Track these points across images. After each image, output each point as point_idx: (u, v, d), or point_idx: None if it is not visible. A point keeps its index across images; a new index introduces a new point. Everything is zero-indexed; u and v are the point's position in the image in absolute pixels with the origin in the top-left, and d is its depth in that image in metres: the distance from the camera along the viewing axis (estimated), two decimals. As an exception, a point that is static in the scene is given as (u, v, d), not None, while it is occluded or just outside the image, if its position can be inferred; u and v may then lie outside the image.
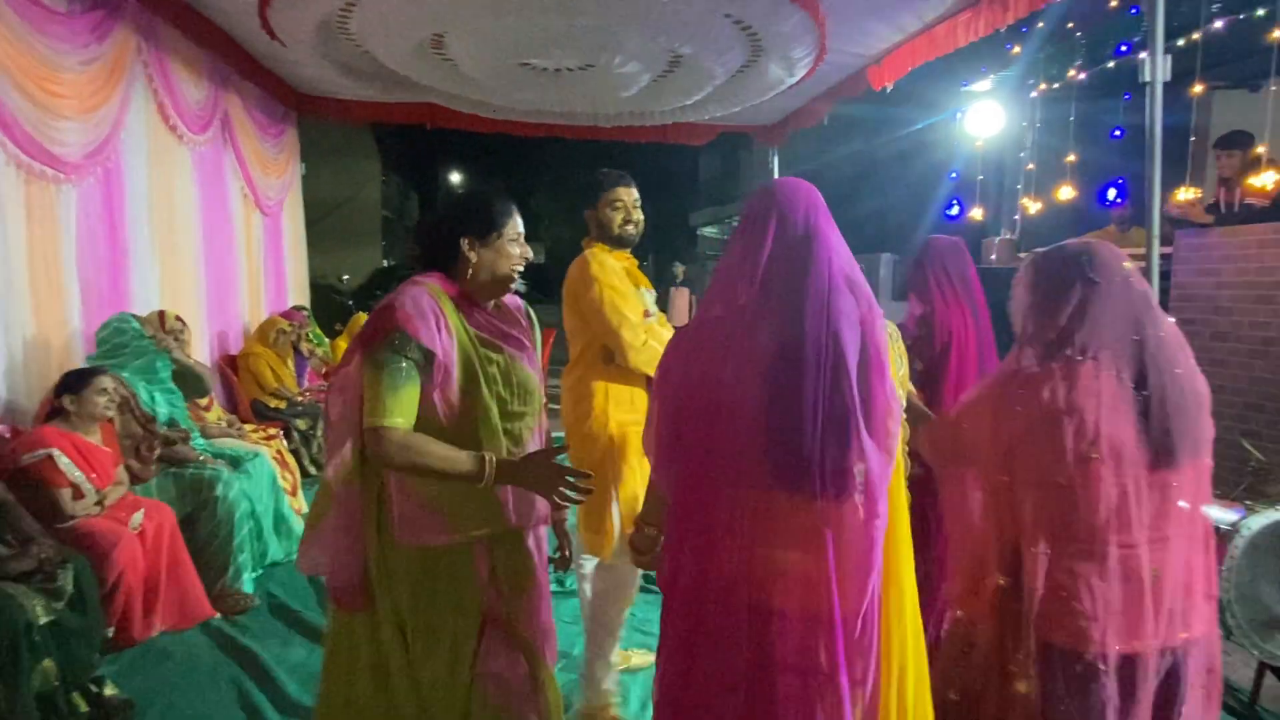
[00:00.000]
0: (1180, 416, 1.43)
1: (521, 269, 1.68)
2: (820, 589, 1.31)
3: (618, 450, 2.29)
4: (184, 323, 3.79)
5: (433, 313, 1.51)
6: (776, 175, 7.19)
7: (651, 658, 2.59)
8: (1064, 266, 1.52)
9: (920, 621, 1.53)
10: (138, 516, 2.73)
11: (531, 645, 1.64)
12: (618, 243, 2.40)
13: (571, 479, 1.47)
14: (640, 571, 2.24)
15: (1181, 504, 1.45)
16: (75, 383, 2.73)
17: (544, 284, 17.71)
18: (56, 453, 2.59)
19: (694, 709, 1.38)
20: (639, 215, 2.43)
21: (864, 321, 1.35)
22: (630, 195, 2.41)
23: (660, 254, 20.94)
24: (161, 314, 3.69)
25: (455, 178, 26.73)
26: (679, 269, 11.68)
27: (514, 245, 1.65)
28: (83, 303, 3.37)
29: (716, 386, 1.35)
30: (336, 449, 1.55)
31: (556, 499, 1.48)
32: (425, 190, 25.96)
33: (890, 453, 1.35)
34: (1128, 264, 1.51)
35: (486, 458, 1.47)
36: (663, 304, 10.79)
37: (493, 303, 1.68)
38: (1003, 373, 1.58)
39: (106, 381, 2.78)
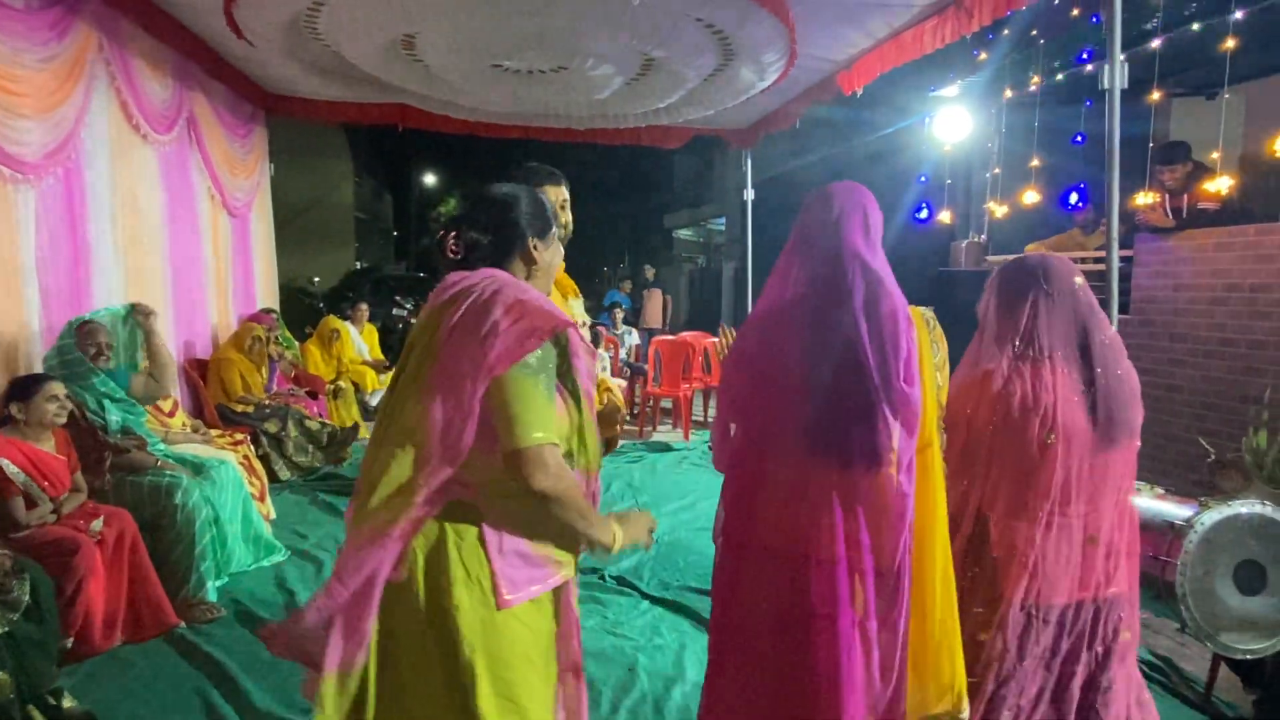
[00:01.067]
0: (1120, 407, 1.71)
1: None
2: (854, 543, 1.52)
3: None
4: (152, 310, 3.67)
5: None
6: (749, 178, 7.25)
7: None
8: (1023, 277, 1.78)
9: (951, 572, 1.70)
10: (97, 524, 2.67)
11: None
12: None
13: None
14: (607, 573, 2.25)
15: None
16: (23, 390, 2.65)
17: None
18: (5, 462, 2.52)
19: (738, 648, 1.61)
20: (568, 216, 2.28)
21: (887, 317, 1.52)
22: (560, 194, 2.24)
23: (635, 256, 20.96)
24: (135, 306, 3.58)
25: (430, 179, 26.50)
26: (649, 271, 11.96)
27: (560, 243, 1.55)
28: (43, 306, 3.29)
29: (769, 372, 1.61)
30: (432, 478, 1.23)
31: (643, 547, 1.45)
32: (399, 191, 25.69)
33: (912, 431, 1.54)
34: (1079, 278, 1.78)
35: (614, 523, 1.34)
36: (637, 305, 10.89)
37: None
38: (977, 368, 1.80)
39: (56, 388, 2.71)
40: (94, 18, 3.57)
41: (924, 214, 7.06)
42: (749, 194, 7.19)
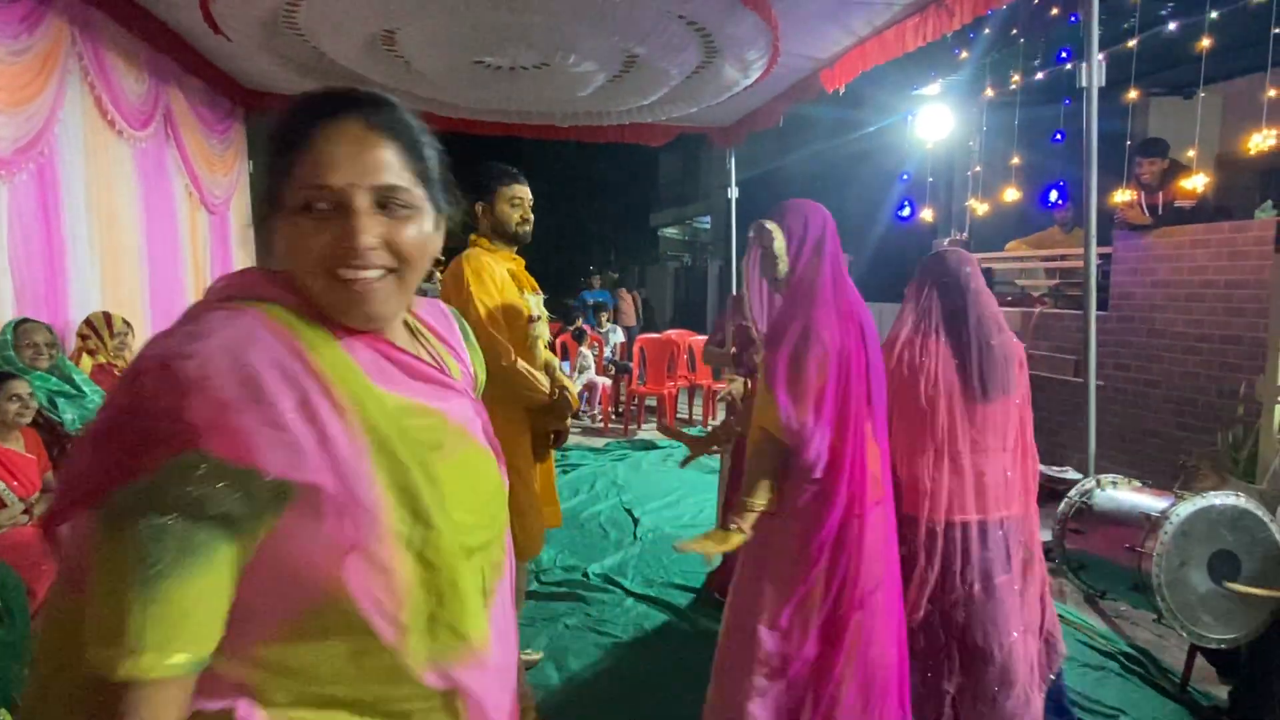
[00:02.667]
0: (990, 370, 2.07)
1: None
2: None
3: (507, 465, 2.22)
4: (130, 326, 3.65)
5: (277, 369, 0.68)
6: (734, 176, 7.26)
7: (537, 656, 2.70)
8: (927, 267, 2.18)
9: None
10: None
11: None
12: (511, 240, 2.33)
13: None
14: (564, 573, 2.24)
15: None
16: None
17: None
18: (-30, 462, 2.47)
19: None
20: (529, 213, 2.37)
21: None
22: (527, 193, 2.33)
23: (621, 254, 20.94)
24: (107, 316, 3.54)
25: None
26: (612, 275, 12.39)
27: None
28: (17, 304, 3.23)
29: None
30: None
31: None
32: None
33: None
34: (968, 268, 2.14)
35: None
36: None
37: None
38: (892, 339, 2.17)
39: (19, 387, 2.65)
40: (66, 11, 3.51)
41: (906, 212, 7.10)
42: (733, 192, 7.20)
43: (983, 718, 2.02)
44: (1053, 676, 2.15)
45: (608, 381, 7.53)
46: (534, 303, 2.34)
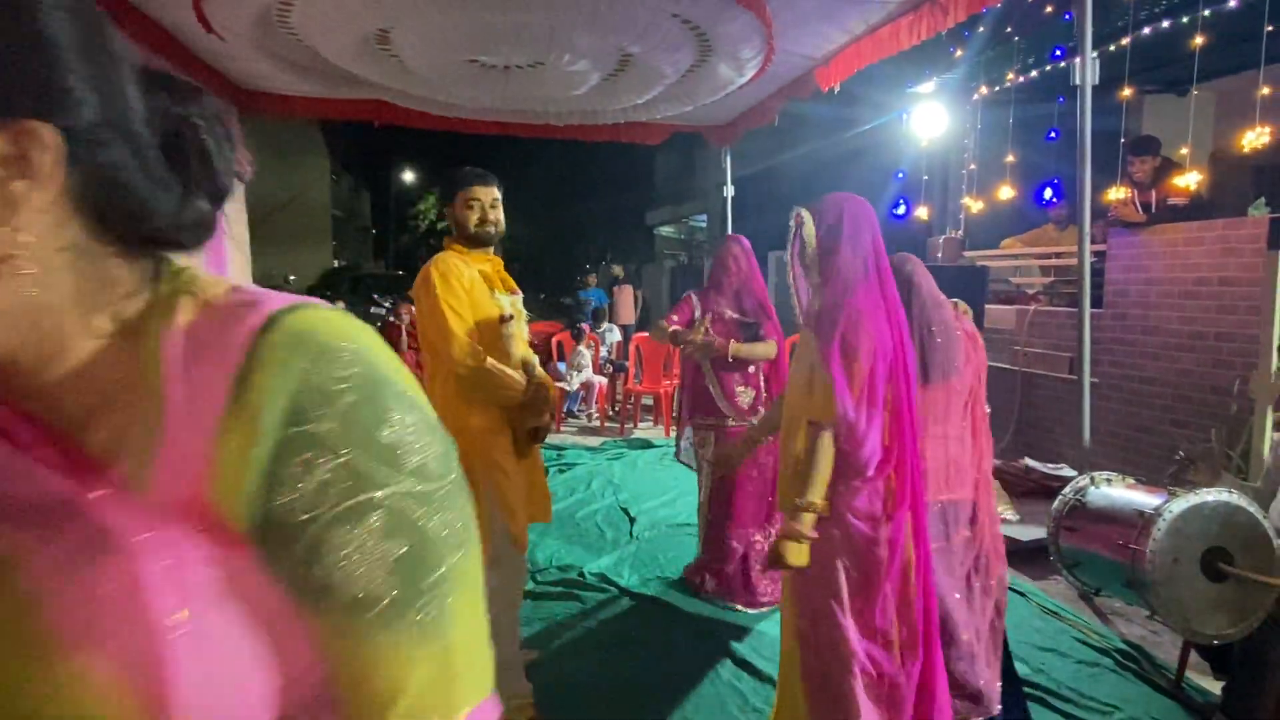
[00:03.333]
0: (931, 354, 2.13)
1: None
2: None
3: (480, 463, 2.20)
4: None
5: None
6: (729, 174, 7.26)
7: (534, 654, 2.71)
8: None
9: None
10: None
11: None
12: (475, 242, 2.34)
13: None
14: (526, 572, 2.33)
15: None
16: None
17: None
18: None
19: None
20: (497, 215, 2.38)
21: None
22: (489, 195, 2.35)
23: (617, 253, 20.94)
24: None
25: (410, 176, 26.27)
26: (617, 269, 12.27)
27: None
28: None
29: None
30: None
31: None
32: (378, 189, 25.46)
33: None
34: (909, 265, 2.19)
35: None
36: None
37: None
38: None
39: None
40: (58, 10, 3.49)
41: (901, 209, 7.10)
42: (729, 190, 7.19)
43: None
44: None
45: (604, 380, 7.53)
46: (507, 303, 2.34)
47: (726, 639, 2.92)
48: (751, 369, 3.39)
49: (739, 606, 3.20)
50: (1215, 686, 2.55)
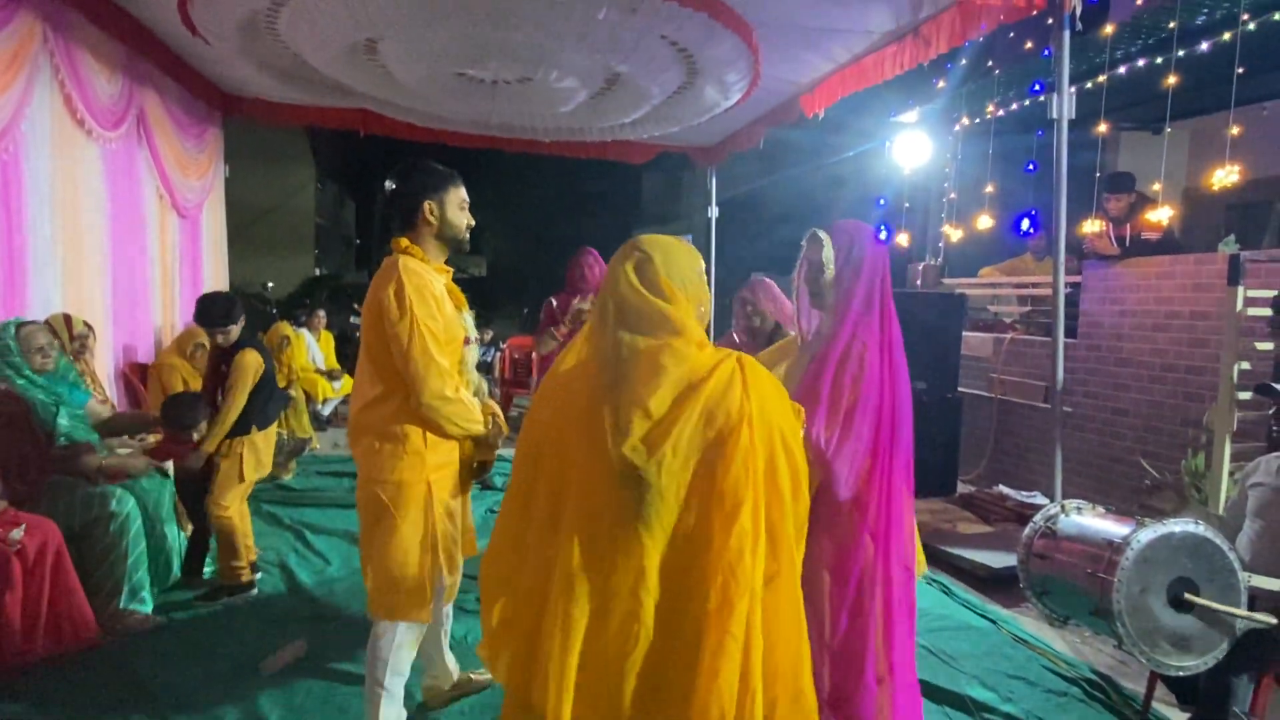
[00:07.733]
0: None
1: None
2: None
3: (434, 499, 2.01)
4: (90, 328, 3.58)
5: None
6: (714, 195, 7.31)
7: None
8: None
9: None
10: (17, 532, 2.53)
11: None
12: (451, 247, 2.13)
13: None
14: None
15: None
16: None
17: (485, 298, 17.54)
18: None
19: None
20: (469, 218, 2.17)
21: None
22: (458, 195, 2.12)
23: (603, 270, 20.98)
24: (67, 318, 3.47)
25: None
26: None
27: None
28: (-28, 302, 3.15)
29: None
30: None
31: None
32: (363, 198, 25.32)
33: None
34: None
35: None
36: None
37: None
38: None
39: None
40: (39, 9, 3.46)
41: (883, 235, 7.16)
42: (713, 211, 7.25)
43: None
44: None
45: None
46: (468, 322, 2.16)
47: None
48: None
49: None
50: (1181, 718, 2.55)
